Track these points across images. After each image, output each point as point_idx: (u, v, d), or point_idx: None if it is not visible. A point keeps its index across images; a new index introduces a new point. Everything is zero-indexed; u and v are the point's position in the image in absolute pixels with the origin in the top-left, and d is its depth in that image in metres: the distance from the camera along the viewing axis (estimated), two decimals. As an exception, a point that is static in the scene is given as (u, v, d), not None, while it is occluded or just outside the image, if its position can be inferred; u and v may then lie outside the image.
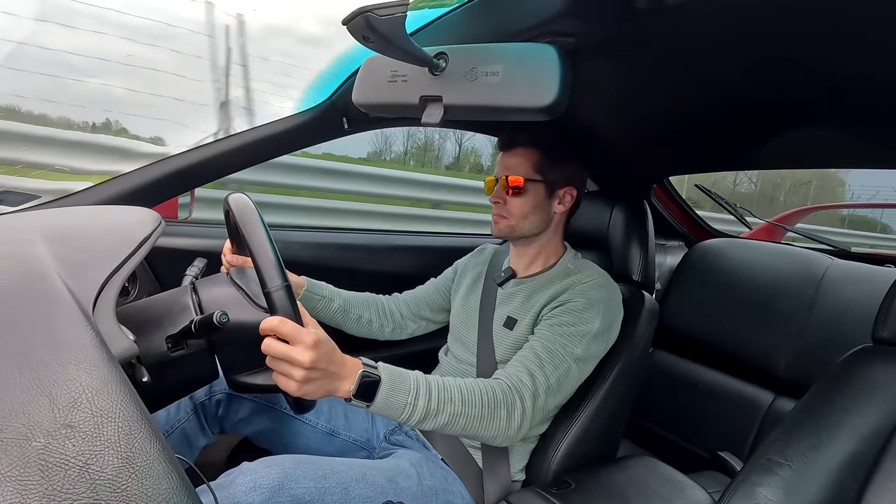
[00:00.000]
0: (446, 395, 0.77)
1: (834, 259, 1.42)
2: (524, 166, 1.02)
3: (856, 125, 0.90)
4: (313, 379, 0.66)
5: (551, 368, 0.88)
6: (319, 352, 0.65)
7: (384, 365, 0.75)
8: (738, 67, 0.76)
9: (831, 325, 1.28)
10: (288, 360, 0.64)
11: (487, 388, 0.82)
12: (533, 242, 1.07)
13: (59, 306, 0.44)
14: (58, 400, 0.34)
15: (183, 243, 1.19)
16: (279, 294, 0.64)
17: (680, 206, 1.86)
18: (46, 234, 0.57)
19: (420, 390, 0.75)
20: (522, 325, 0.99)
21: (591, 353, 0.94)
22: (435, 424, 0.76)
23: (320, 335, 0.67)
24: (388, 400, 0.72)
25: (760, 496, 0.64)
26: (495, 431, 0.81)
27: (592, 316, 0.93)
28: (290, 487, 0.73)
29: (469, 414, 0.78)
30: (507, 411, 0.82)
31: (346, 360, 0.71)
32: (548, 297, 0.98)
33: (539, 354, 0.89)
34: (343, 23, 0.56)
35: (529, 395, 0.84)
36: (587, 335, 0.92)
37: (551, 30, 0.72)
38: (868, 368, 0.71)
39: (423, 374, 0.79)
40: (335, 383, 0.69)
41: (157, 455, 0.33)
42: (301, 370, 0.64)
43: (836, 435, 0.66)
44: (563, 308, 0.95)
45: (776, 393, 1.34)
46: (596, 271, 1.02)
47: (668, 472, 1.01)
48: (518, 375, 0.86)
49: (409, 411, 0.74)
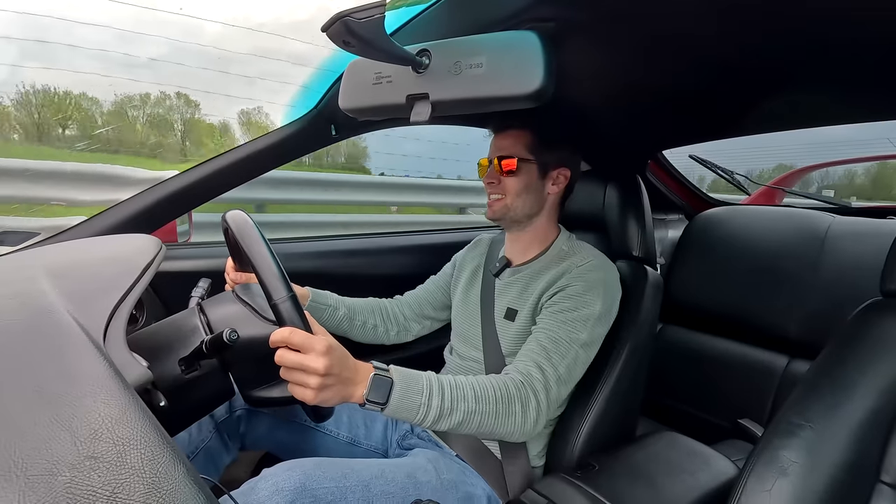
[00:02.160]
0: (460, 394, 0.77)
1: (835, 216, 1.42)
2: (517, 147, 1.02)
3: (842, 81, 0.90)
4: (328, 385, 0.66)
5: (558, 358, 0.88)
6: (332, 357, 0.65)
7: (396, 367, 0.76)
8: (721, 33, 0.76)
9: (839, 283, 1.28)
10: (302, 368, 0.64)
11: (500, 384, 0.82)
12: (527, 227, 1.06)
13: (70, 340, 0.44)
14: (79, 433, 0.35)
15: (186, 265, 1.19)
16: (286, 305, 0.64)
17: (676, 178, 1.86)
18: (50, 270, 0.58)
19: (433, 390, 0.75)
20: (523, 315, 0.99)
21: (596, 337, 0.94)
22: (450, 424, 0.76)
23: (331, 341, 0.67)
24: (403, 401, 0.73)
25: (784, 459, 0.64)
26: (511, 427, 0.81)
27: (593, 299, 0.93)
28: (312, 488, 0.73)
29: (483, 411, 0.78)
30: (522, 406, 0.82)
31: (359, 365, 0.71)
32: (545, 283, 0.97)
33: (545, 346, 0.89)
34: (322, 30, 0.56)
35: (542, 388, 0.85)
36: (590, 319, 0.92)
37: (531, 16, 0.72)
38: (879, 322, 0.71)
39: (434, 374, 0.79)
40: (349, 388, 0.69)
41: (183, 477, 0.34)
42: (316, 377, 0.64)
43: (854, 392, 0.66)
44: (562, 294, 0.94)
45: (790, 356, 1.33)
46: (591, 252, 1.02)
47: (691, 445, 1.01)
48: (528, 370, 0.86)
49: (423, 411, 0.74)
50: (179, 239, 1.30)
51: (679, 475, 0.91)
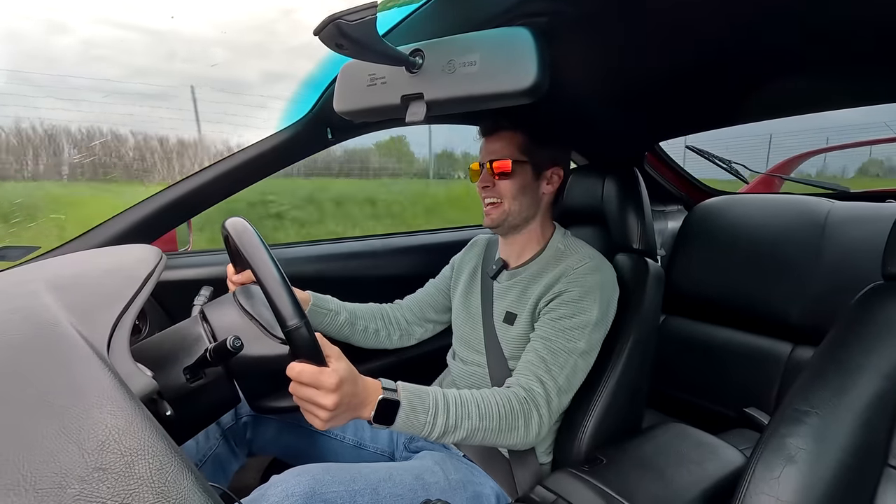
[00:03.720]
0: (464, 411, 0.78)
1: (834, 202, 1.41)
2: (509, 149, 1.00)
3: (838, 65, 0.90)
4: (338, 415, 0.68)
5: (558, 370, 0.88)
6: (342, 392, 0.66)
7: (403, 385, 0.76)
8: (714, 22, 0.76)
9: (840, 268, 1.28)
10: (313, 402, 0.66)
11: (503, 401, 0.83)
12: (523, 230, 1.05)
13: (74, 353, 0.44)
14: (86, 445, 0.35)
15: (187, 274, 1.19)
16: (297, 334, 0.63)
17: (674, 170, 1.85)
18: (51, 284, 0.58)
19: (439, 408, 0.76)
20: (522, 319, 0.99)
21: (594, 343, 0.94)
22: (454, 438, 0.78)
23: (342, 373, 0.67)
24: (409, 420, 0.74)
25: (791, 446, 0.64)
26: (514, 440, 0.83)
27: (589, 304, 0.93)
28: (321, 493, 0.74)
29: (487, 427, 0.80)
30: (525, 421, 0.83)
31: (368, 385, 0.72)
32: (542, 288, 0.97)
33: (544, 357, 0.89)
34: (314, 33, 0.55)
35: (544, 402, 0.86)
36: (588, 325, 0.92)
37: (522, 11, 0.72)
38: (882, 306, 0.71)
39: (441, 390, 0.80)
40: (359, 411, 0.71)
41: (192, 486, 0.34)
42: (325, 411, 0.66)
43: (859, 377, 0.66)
44: (559, 300, 0.94)
45: (794, 343, 1.33)
46: (587, 252, 1.00)
47: (698, 436, 1.01)
48: (529, 385, 0.87)
49: (428, 429, 0.76)
50: (179, 247, 1.31)
51: (687, 466, 0.91)
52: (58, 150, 5.17)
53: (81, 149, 5.28)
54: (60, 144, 5.17)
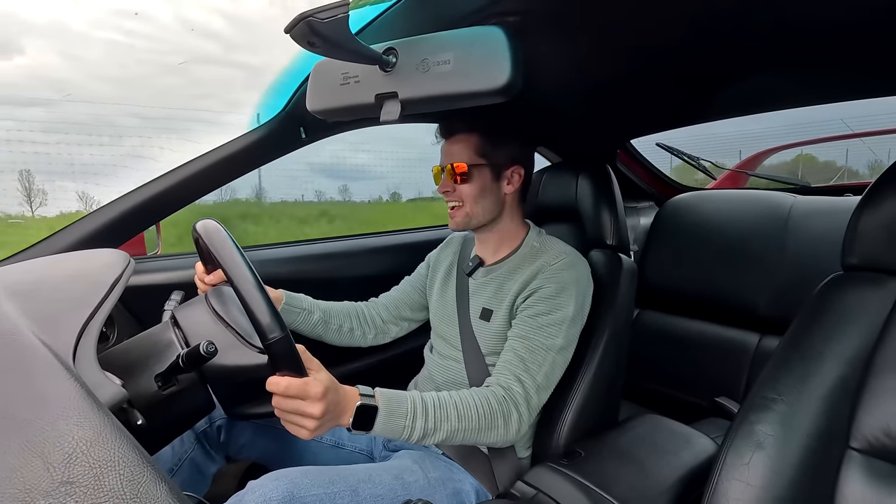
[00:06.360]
0: (443, 414, 0.79)
1: (797, 196, 1.47)
2: (466, 152, 1.00)
3: (803, 64, 0.93)
4: (323, 424, 0.68)
5: (536, 367, 0.89)
6: (328, 399, 0.67)
7: (381, 391, 0.76)
8: (682, 21, 0.77)
9: (803, 260, 1.33)
10: (299, 413, 0.66)
11: (482, 401, 0.83)
12: (493, 228, 1.06)
13: (37, 363, 0.43)
14: (52, 458, 0.33)
15: (157, 278, 1.16)
16: (278, 346, 0.62)
17: (645, 167, 1.89)
18: (11, 291, 0.55)
19: (417, 412, 0.77)
20: (499, 315, 0.99)
21: (571, 339, 0.95)
22: (434, 440, 0.79)
23: (325, 382, 0.67)
24: (387, 425, 0.74)
25: (760, 433, 0.67)
26: (494, 438, 0.84)
27: (566, 300, 0.94)
28: (300, 497, 0.73)
29: (466, 428, 0.81)
30: (504, 419, 0.84)
31: (347, 393, 0.72)
32: (519, 285, 0.97)
33: (522, 356, 0.90)
34: (285, 31, 0.55)
35: (523, 400, 0.86)
36: (564, 321, 0.93)
37: (495, 10, 0.72)
38: (842, 295, 0.74)
39: (419, 394, 0.80)
40: (339, 418, 0.71)
41: (165, 496, 0.33)
42: (313, 421, 0.66)
43: (822, 363, 0.69)
44: (536, 296, 0.95)
45: (761, 333, 1.38)
46: (562, 249, 1.01)
47: (672, 426, 1.04)
48: (508, 384, 0.87)
49: (407, 433, 0.76)
50: (148, 250, 1.27)
51: (663, 456, 0.94)
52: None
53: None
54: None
